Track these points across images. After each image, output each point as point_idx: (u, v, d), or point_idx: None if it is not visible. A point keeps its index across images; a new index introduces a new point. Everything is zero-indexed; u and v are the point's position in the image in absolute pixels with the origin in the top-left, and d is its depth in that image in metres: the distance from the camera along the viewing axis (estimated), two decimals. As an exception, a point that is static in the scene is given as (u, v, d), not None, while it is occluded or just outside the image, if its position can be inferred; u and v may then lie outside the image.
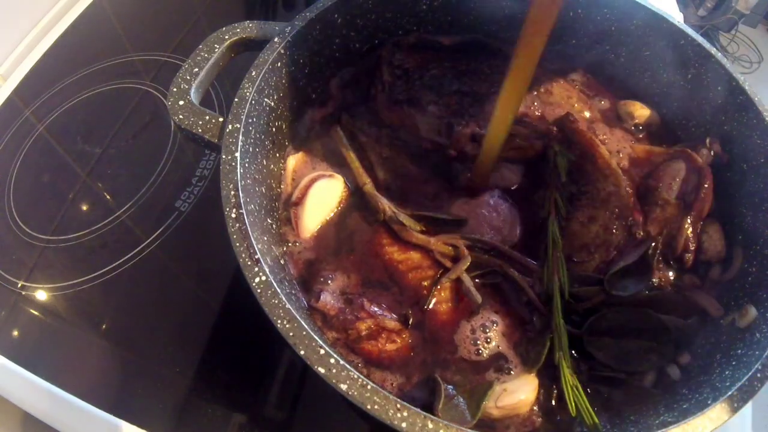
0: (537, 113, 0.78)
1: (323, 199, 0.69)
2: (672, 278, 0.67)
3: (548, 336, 0.60)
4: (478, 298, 0.62)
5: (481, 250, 0.66)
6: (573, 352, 0.61)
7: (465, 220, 0.68)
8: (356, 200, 0.70)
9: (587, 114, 0.80)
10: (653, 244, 0.67)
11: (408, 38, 0.81)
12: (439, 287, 0.63)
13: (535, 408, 0.58)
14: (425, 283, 0.64)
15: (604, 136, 0.77)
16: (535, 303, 0.63)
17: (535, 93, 0.79)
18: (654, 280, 0.65)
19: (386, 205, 0.67)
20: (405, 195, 0.71)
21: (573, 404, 0.57)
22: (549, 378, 0.60)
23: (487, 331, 0.61)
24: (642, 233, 0.67)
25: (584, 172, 0.71)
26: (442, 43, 0.81)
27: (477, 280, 0.64)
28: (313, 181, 0.69)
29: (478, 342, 0.60)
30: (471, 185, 0.72)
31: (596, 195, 0.70)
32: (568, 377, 0.58)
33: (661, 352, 0.61)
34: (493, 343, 0.61)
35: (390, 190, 0.71)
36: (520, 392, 0.57)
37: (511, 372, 0.59)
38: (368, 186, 0.69)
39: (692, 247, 0.67)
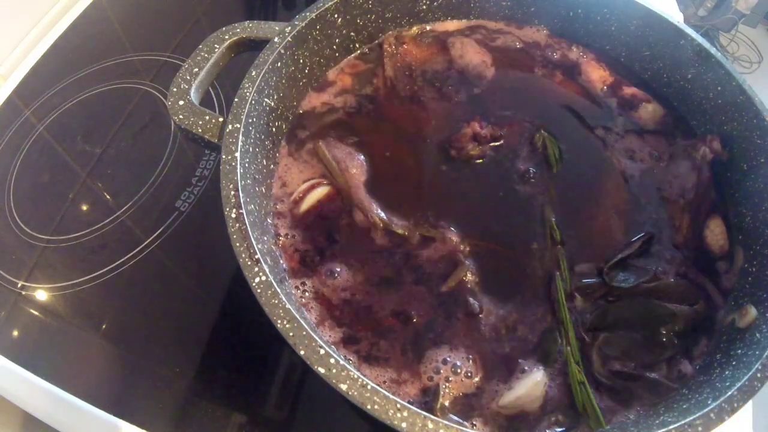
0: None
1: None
2: (675, 270, 0.66)
3: (557, 331, 0.60)
4: (476, 307, 0.61)
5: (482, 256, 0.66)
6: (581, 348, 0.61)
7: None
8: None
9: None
10: (653, 236, 0.67)
11: (411, 30, 0.81)
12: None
13: (544, 406, 0.57)
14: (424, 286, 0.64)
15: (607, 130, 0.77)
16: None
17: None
18: (656, 271, 0.65)
19: (377, 218, 0.66)
20: (404, 197, 0.71)
21: (580, 401, 0.57)
22: (558, 374, 0.59)
23: (457, 369, 0.58)
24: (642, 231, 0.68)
25: (582, 165, 0.71)
26: (448, 30, 0.82)
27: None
28: (313, 187, 0.69)
29: (441, 371, 0.58)
30: None
31: (595, 190, 0.70)
32: (576, 373, 0.58)
33: (671, 341, 0.61)
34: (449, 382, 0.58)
35: (389, 191, 0.71)
36: (522, 391, 0.57)
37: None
38: (357, 201, 0.68)
39: (693, 244, 0.68)
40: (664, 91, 0.82)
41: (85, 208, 0.86)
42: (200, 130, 0.63)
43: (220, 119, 0.63)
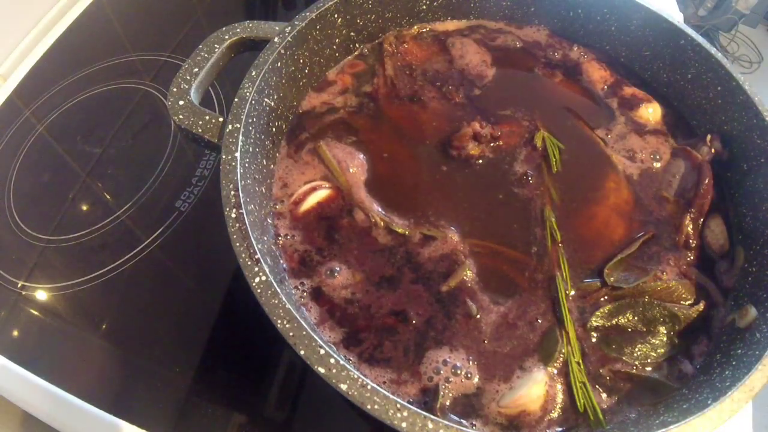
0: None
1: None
2: (675, 270, 0.66)
3: (557, 331, 0.60)
4: (474, 309, 0.61)
5: (483, 256, 0.66)
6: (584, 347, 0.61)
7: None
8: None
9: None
10: (653, 236, 0.67)
11: (411, 29, 0.81)
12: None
13: (545, 405, 0.57)
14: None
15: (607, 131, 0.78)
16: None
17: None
18: (657, 271, 0.65)
19: (378, 216, 0.66)
20: (404, 197, 0.71)
21: (581, 401, 0.57)
22: (559, 374, 0.59)
23: (457, 371, 0.58)
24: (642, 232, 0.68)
25: (582, 165, 0.71)
26: (448, 30, 0.82)
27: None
28: (313, 189, 0.69)
29: (441, 371, 0.58)
30: None
31: (595, 190, 0.70)
32: (576, 373, 0.58)
33: (672, 341, 0.61)
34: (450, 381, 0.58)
35: (389, 190, 0.71)
36: (523, 390, 0.57)
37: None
38: (357, 201, 0.68)
39: (693, 243, 0.68)
40: (664, 91, 0.82)
41: (85, 208, 0.86)
42: (200, 130, 0.63)
43: (220, 119, 0.63)
